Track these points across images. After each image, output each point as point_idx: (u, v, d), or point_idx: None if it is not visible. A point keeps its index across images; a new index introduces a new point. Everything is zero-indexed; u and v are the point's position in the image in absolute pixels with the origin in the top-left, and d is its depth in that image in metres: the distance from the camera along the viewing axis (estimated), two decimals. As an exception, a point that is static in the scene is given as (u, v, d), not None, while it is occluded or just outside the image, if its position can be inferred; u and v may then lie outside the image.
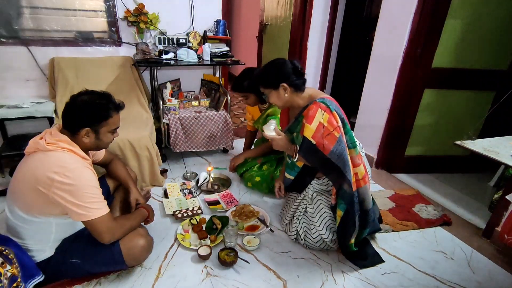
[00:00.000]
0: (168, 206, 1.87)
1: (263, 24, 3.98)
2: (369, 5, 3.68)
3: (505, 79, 2.24)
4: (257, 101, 2.04)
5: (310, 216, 1.58)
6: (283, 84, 1.39)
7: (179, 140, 2.39)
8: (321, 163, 1.38)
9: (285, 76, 1.39)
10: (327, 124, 1.32)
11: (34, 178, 1.11)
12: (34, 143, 1.16)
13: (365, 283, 1.46)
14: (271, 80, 1.41)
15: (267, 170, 2.10)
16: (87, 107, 1.19)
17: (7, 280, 1.08)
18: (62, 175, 1.09)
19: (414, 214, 1.99)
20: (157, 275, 1.43)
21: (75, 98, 1.20)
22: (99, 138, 1.24)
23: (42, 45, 2.32)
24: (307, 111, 1.36)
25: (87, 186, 1.14)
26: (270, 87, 1.43)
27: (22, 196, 1.15)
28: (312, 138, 1.32)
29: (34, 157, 1.15)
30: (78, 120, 1.19)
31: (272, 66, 1.44)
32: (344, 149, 1.35)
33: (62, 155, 1.14)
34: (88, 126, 1.19)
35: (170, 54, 2.43)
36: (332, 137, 1.31)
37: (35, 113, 2.08)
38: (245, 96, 2.01)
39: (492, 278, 1.54)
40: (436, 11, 2.05)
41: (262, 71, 1.46)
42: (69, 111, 1.19)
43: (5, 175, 2.14)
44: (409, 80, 2.25)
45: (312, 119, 1.32)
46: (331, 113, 1.34)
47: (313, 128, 1.31)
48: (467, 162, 2.56)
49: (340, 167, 1.34)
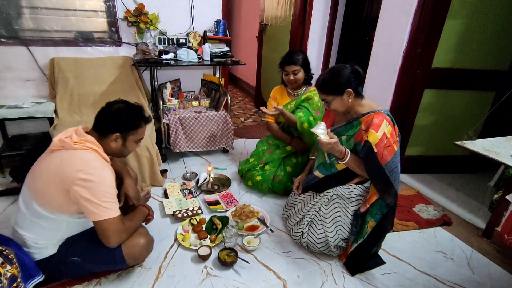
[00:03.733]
0: (168, 206, 1.87)
1: (263, 24, 3.97)
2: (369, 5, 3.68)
3: (505, 79, 2.25)
4: (303, 78, 2.02)
5: (323, 216, 1.56)
6: (348, 90, 1.39)
7: (179, 140, 2.39)
8: (373, 172, 1.38)
9: (349, 82, 1.39)
10: (390, 136, 1.35)
11: (59, 175, 1.14)
12: (59, 141, 1.19)
13: (365, 283, 1.46)
14: (336, 87, 1.40)
15: (269, 170, 2.10)
16: (122, 114, 1.27)
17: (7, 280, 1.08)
18: (86, 173, 1.13)
19: (414, 214, 1.99)
20: (157, 275, 1.43)
21: (111, 104, 1.28)
22: (125, 145, 1.31)
23: (42, 45, 2.32)
24: (371, 118, 1.37)
25: (105, 185, 1.17)
26: (336, 93, 1.41)
27: (43, 192, 1.17)
28: (375, 145, 1.33)
29: (59, 155, 1.18)
30: (111, 125, 1.25)
31: (337, 72, 1.41)
32: (398, 163, 1.38)
33: (87, 154, 1.18)
34: (119, 131, 1.26)
35: (170, 54, 2.43)
36: (391, 149, 1.34)
37: (35, 113, 2.08)
38: (296, 71, 1.97)
39: (492, 278, 1.54)
40: (436, 11, 2.05)
41: (327, 78, 1.43)
42: (104, 115, 1.26)
43: (5, 175, 2.14)
44: (409, 80, 2.25)
45: (378, 128, 1.33)
46: (394, 127, 1.39)
47: (378, 136, 1.33)
48: (467, 162, 2.56)
49: (391, 180, 1.36)
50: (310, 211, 1.61)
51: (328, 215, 1.55)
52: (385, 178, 1.36)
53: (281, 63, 2.01)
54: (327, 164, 1.56)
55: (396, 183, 1.38)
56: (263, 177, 2.08)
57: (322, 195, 1.58)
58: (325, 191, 1.57)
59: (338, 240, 1.53)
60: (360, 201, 1.51)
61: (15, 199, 1.92)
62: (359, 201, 1.51)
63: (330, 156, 1.53)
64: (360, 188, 1.52)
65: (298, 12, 3.24)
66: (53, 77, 2.31)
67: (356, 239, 1.51)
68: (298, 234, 1.63)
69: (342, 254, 1.59)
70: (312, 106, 2.00)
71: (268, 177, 2.07)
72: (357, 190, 1.52)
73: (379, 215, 1.42)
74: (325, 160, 1.56)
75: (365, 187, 1.52)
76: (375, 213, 1.43)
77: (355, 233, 1.52)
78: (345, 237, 1.53)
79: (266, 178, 2.07)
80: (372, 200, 1.44)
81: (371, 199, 1.45)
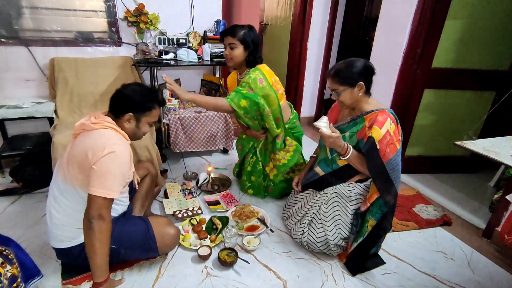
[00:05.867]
0: (168, 206, 1.87)
1: (263, 24, 3.98)
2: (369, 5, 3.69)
3: (505, 79, 2.24)
4: (242, 59, 1.76)
5: (323, 215, 1.56)
6: (361, 83, 1.38)
7: (179, 140, 2.39)
8: (375, 168, 1.38)
9: (363, 76, 1.39)
10: (393, 134, 1.36)
11: (82, 153, 1.17)
12: (80, 125, 1.25)
13: (365, 283, 1.46)
14: (351, 77, 1.38)
15: (256, 181, 2.07)
16: (136, 94, 1.29)
17: (7, 280, 1.08)
18: (104, 149, 1.15)
19: (414, 214, 1.99)
20: (157, 275, 1.43)
21: (126, 86, 1.33)
22: (138, 126, 1.33)
23: (42, 45, 2.32)
24: (375, 116, 1.38)
25: (117, 164, 1.18)
26: (348, 84, 1.39)
27: (74, 174, 1.20)
28: (378, 142, 1.34)
29: (81, 137, 1.24)
30: (125, 105, 1.28)
31: (352, 64, 1.40)
32: (400, 162, 1.39)
33: (108, 132, 1.23)
34: (132, 111, 1.28)
35: (170, 54, 2.43)
36: (394, 147, 1.35)
37: (35, 113, 2.08)
38: (232, 44, 1.71)
39: (492, 278, 1.54)
40: (436, 11, 2.04)
41: (342, 68, 1.41)
42: (119, 95, 1.30)
43: (5, 175, 2.14)
44: (409, 80, 2.25)
45: (382, 125, 1.34)
46: (397, 126, 1.40)
47: (382, 132, 1.34)
48: (467, 162, 2.56)
49: (391, 178, 1.37)
50: (311, 209, 1.60)
51: (328, 213, 1.55)
52: (386, 176, 1.36)
53: (220, 34, 1.81)
54: (328, 160, 1.56)
55: (396, 182, 1.39)
56: (253, 189, 2.09)
57: (323, 193, 1.58)
58: (325, 189, 1.57)
59: (338, 239, 1.53)
60: (360, 200, 1.51)
61: (15, 199, 1.92)
62: (359, 200, 1.51)
63: (332, 152, 1.54)
64: (360, 187, 1.52)
65: (298, 12, 3.24)
66: (53, 77, 2.31)
67: (356, 239, 1.51)
68: (299, 234, 1.63)
69: (342, 254, 1.59)
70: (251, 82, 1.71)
71: (258, 188, 2.07)
72: (357, 188, 1.52)
73: (379, 214, 1.42)
74: (326, 156, 1.57)
75: (365, 185, 1.52)
76: (375, 212, 1.43)
77: (355, 232, 1.52)
78: (345, 236, 1.54)
79: (257, 191, 2.08)
80: (373, 199, 1.44)
81: (372, 198, 1.45)
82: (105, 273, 1.20)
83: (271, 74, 1.81)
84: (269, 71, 1.80)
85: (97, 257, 1.14)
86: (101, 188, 1.13)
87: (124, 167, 1.22)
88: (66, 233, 1.26)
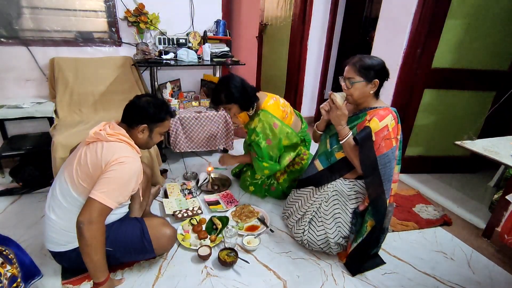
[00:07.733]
0: (168, 206, 1.87)
1: (263, 24, 3.98)
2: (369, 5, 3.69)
3: (505, 79, 2.24)
4: (240, 110, 1.86)
5: (323, 213, 1.55)
6: (376, 81, 1.40)
7: (179, 140, 2.39)
8: (366, 162, 1.38)
9: (381, 76, 1.40)
10: (391, 130, 1.37)
11: (95, 164, 1.19)
12: (95, 133, 1.26)
13: (365, 283, 1.46)
14: (371, 71, 1.39)
15: (260, 178, 2.07)
16: (150, 106, 1.33)
17: (7, 280, 1.08)
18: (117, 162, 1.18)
19: (414, 214, 1.99)
20: (157, 275, 1.43)
21: (139, 97, 1.36)
22: (151, 136, 1.38)
23: (42, 45, 2.32)
24: (377, 110, 1.40)
25: (123, 174, 1.19)
26: (366, 77, 1.39)
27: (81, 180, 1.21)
28: (374, 133, 1.35)
29: (94, 146, 1.24)
30: (140, 116, 1.32)
31: (375, 60, 1.41)
32: (393, 160, 1.39)
33: (122, 145, 1.26)
34: (146, 123, 1.32)
35: (170, 54, 2.43)
36: (389, 143, 1.36)
37: (35, 113, 2.08)
38: (227, 108, 1.84)
39: (492, 278, 1.54)
40: (436, 11, 2.04)
41: (366, 61, 1.40)
42: (133, 106, 1.33)
43: (5, 175, 2.14)
44: (409, 80, 2.25)
45: (382, 118, 1.36)
46: (398, 124, 1.41)
47: (380, 125, 1.35)
48: (467, 162, 2.56)
49: (381, 174, 1.36)
50: (311, 208, 1.60)
51: (328, 212, 1.55)
52: (375, 170, 1.36)
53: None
54: (328, 153, 1.57)
55: (385, 181, 1.37)
56: (255, 187, 2.08)
57: (323, 191, 1.58)
58: (325, 187, 1.57)
59: (338, 237, 1.53)
60: (360, 199, 1.51)
61: (15, 199, 1.92)
62: (359, 199, 1.51)
63: (331, 143, 1.55)
64: (359, 185, 1.52)
65: (298, 12, 3.24)
66: (53, 77, 2.31)
67: (355, 239, 1.51)
68: (299, 232, 1.62)
69: (342, 254, 1.59)
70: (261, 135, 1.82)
71: (260, 186, 2.07)
72: (357, 186, 1.52)
73: (377, 215, 1.43)
74: (326, 149, 1.59)
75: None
76: (374, 212, 1.44)
77: (355, 231, 1.52)
78: (345, 235, 1.54)
79: (258, 189, 2.08)
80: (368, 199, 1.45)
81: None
82: (104, 273, 1.20)
83: (277, 106, 1.87)
84: (273, 106, 1.85)
85: (91, 261, 1.14)
86: (100, 192, 1.13)
87: (130, 179, 1.22)
88: (63, 237, 1.25)
